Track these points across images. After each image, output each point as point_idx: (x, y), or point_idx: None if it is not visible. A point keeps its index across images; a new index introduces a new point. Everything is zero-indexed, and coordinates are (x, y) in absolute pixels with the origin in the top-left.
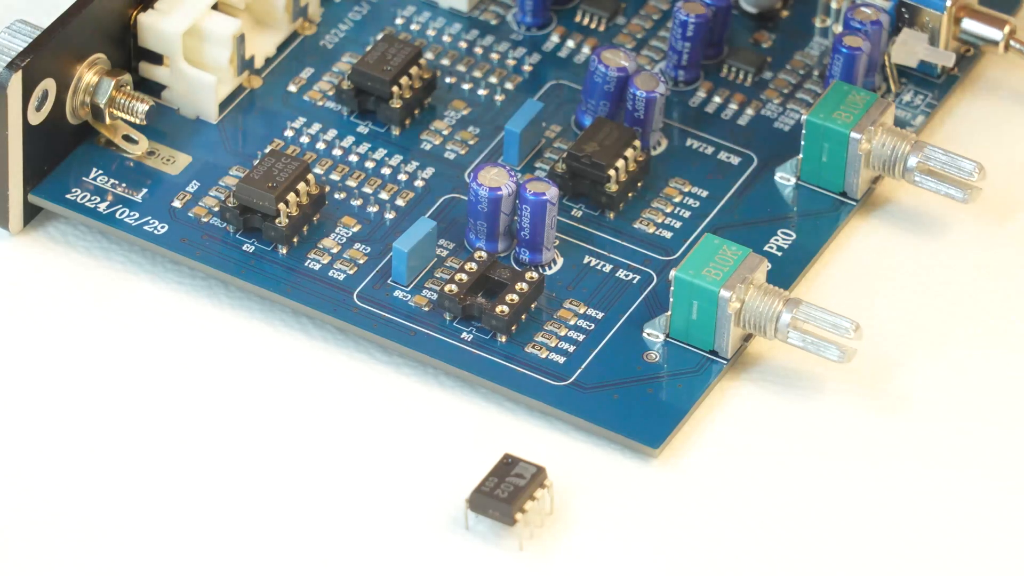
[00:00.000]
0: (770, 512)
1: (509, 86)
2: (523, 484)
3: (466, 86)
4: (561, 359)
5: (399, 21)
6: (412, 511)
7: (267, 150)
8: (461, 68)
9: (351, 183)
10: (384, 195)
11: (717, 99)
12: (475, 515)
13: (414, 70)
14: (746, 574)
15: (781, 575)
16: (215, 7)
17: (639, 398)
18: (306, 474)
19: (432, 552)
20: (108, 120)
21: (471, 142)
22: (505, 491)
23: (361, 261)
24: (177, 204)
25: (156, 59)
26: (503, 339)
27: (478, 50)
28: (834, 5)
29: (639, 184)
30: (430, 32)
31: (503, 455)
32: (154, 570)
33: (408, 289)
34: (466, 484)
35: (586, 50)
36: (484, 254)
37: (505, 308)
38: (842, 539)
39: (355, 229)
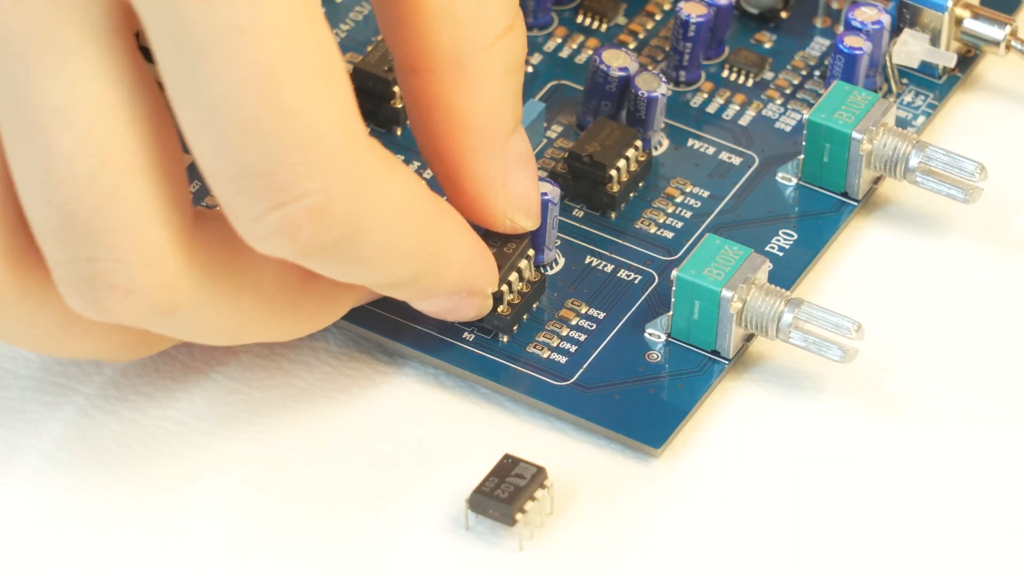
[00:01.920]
0: (771, 512)
1: None
2: (523, 484)
3: None
4: (562, 359)
5: None
6: (412, 511)
7: None
8: None
9: None
10: None
11: (718, 99)
12: (475, 515)
13: None
14: (746, 574)
15: (781, 575)
16: None
17: (640, 398)
18: (306, 474)
19: (432, 552)
20: None
21: None
22: (505, 491)
23: None
24: None
25: None
26: (504, 339)
27: None
28: (835, 5)
29: (640, 184)
30: None
31: (503, 455)
32: (151, 556)
33: None
34: (466, 484)
35: (587, 50)
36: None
37: (507, 308)
38: (842, 539)
39: None
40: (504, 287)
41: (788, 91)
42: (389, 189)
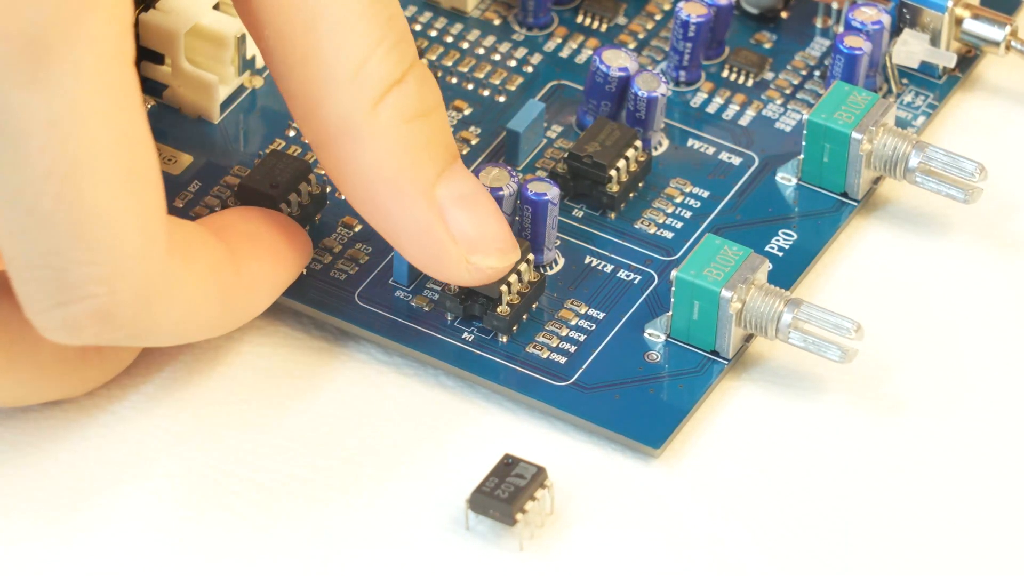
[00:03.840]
0: (770, 512)
1: (511, 86)
2: (523, 484)
3: (468, 86)
4: (562, 359)
5: None
6: (412, 511)
7: (268, 150)
8: (463, 68)
9: None
10: None
11: (718, 99)
12: (475, 515)
13: None
14: (746, 573)
15: (781, 575)
16: (216, 7)
17: (640, 398)
18: (306, 474)
19: (432, 552)
20: None
21: (473, 142)
22: (506, 491)
23: (362, 261)
24: (179, 204)
25: (158, 59)
26: (504, 339)
27: (479, 50)
28: (835, 6)
29: (640, 184)
30: (432, 32)
31: (503, 455)
32: (149, 562)
33: (409, 289)
34: (466, 484)
35: (587, 50)
36: None
37: (506, 308)
38: (842, 539)
39: (356, 229)
40: (504, 287)
41: (788, 91)
42: (181, 293)
